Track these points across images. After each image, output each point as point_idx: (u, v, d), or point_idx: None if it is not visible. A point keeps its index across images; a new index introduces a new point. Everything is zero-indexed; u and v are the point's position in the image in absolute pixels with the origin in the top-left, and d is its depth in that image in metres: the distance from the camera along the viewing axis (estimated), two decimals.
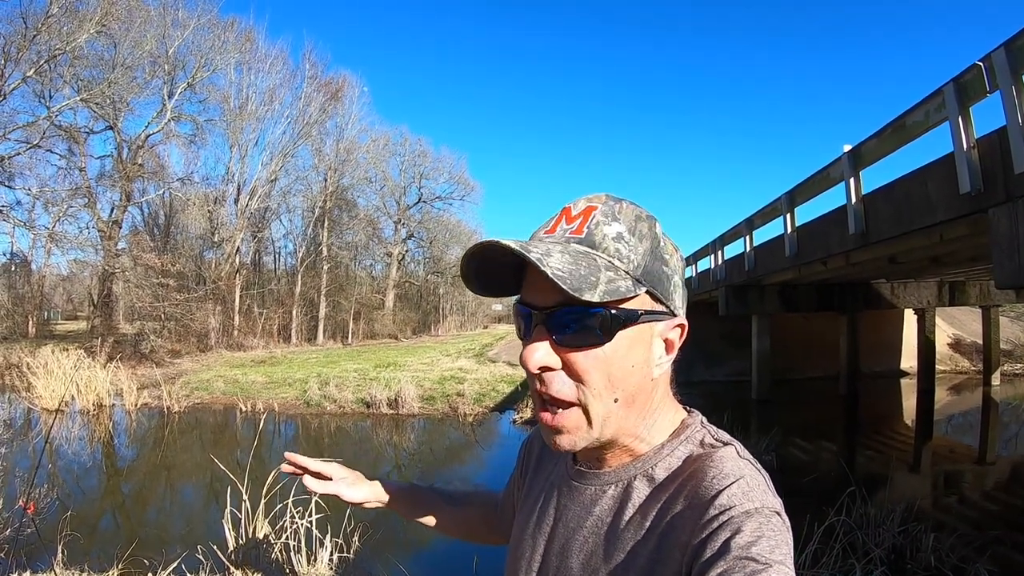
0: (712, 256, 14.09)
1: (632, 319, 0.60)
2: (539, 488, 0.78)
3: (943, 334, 17.08)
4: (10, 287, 26.17)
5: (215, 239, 26.53)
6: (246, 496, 4.15)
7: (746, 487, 0.56)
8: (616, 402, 0.61)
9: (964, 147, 4.62)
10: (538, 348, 0.60)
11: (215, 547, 3.83)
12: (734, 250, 12.76)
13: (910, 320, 15.16)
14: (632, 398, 0.62)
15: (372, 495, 0.99)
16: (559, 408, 0.60)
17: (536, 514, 0.74)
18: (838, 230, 7.38)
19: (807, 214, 9.05)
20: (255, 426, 9.85)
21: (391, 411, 11.88)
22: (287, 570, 3.89)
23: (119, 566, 3.85)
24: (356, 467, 1.03)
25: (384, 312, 35.21)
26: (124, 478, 8.30)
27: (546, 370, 0.60)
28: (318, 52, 40.16)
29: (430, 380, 14.13)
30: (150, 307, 20.21)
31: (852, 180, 6.78)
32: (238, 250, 27.54)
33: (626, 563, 0.59)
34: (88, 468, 8.48)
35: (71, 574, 3.73)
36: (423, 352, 22.72)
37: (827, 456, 8.75)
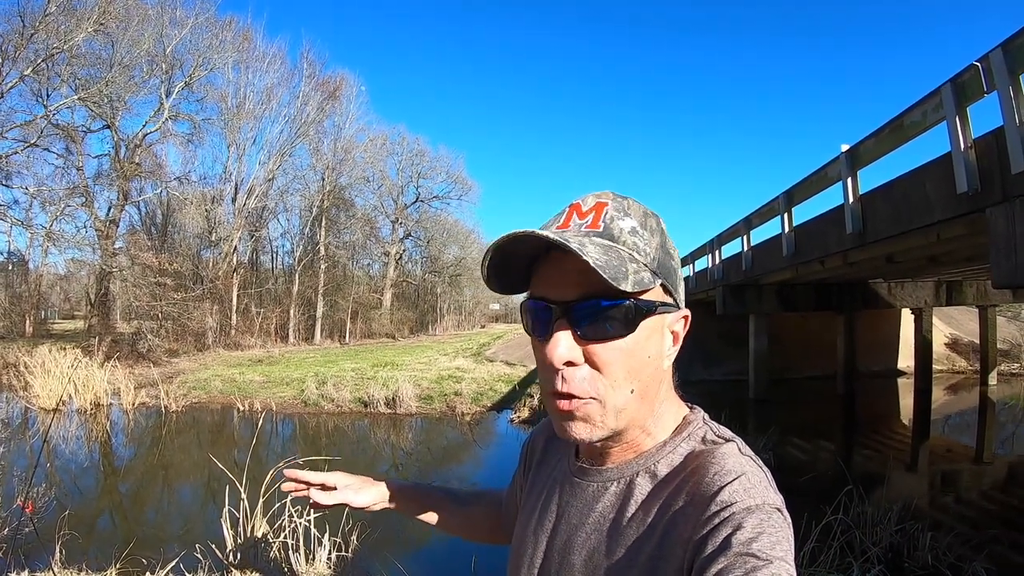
0: (710, 255, 14.09)
1: (651, 310, 0.61)
2: (541, 485, 0.78)
3: (940, 334, 17.11)
4: (7, 286, 26.10)
5: (212, 238, 26.50)
6: (244, 495, 4.14)
7: (747, 484, 0.56)
8: (632, 393, 0.61)
9: (961, 147, 4.63)
10: (561, 342, 0.59)
11: (213, 546, 3.82)
12: (732, 249, 12.77)
13: (907, 320, 15.20)
14: (646, 389, 0.62)
15: (379, 497, 0.98)
16: (577, 399, 0.60)
17: (538, 511, 0.74)
18: (836, 230, 7.39)
19: (805, 214, 9.07)
20: (253, 425, 9.80)
21: (389, 410, 11.87)
22: (285, 569, 3.88)
23: (117, 565, 3.84)
24: (354, 467, 1.02)
25: (381, 311, 35.21)
26: (122, 477, 8.28)
27: (569, 365, 0.60)
28: (316, 51, 40.25)
29: (428, 379, 14.11)
30: (147, 306, 20.16)
31: (850, 180, 6.79)
32: (235, 249, 27.51)
33: (628, 560, 0.59)
34: (86, 467, 8.46)
35: (69, 573, 3.72)
36: (421, 351, 22.72)
37: (824, 455, 8.77)
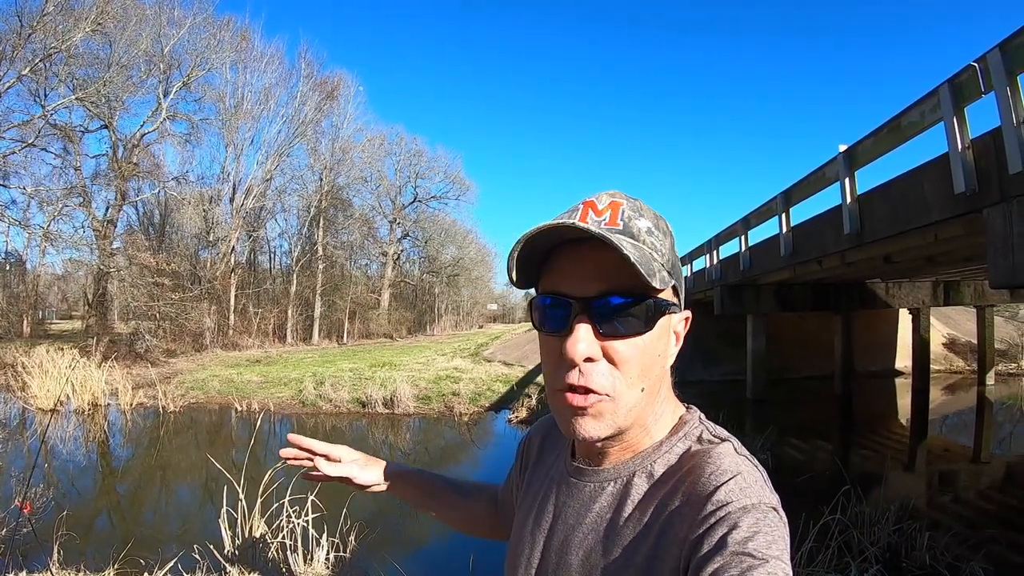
0: (708, 255, 14.10)
1: (667, 309, 0.62)
2: (538, 485, 0.78)
3: (938, 334, 17.15)
4: (5, 286, 26.06)
5: (210, 238, 26.45)
6: (242, 495, 4.13)
7: (743, 483, 0.56)
8: (643, 391, 0.61)
9: (959, 147, 4.65)
10: (582, 338, 0.58)
11: (211, 546, 3.81)
12: (729, 249, 12.79)
13: (905, 320, 15.20)
14: (653, 388, 0.63)
15: (382, 479, 0.97)
16: (594, 394, 0.59)
17: (535, 511, 0.74)
18: (833, 230, 7.41)
19: (802, 214, 9.08)
20: (251, 426, 9.81)
21: (387, 411, 11.86)
22: (283, 569, 3.88)
23: (115, 566, 3.83)
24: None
25: (379, 312, 35.17)
26: (120, 478, 8.27)
27: (589, 361, 0.59)
28: (314, 51, 40.01)
29: (425, 379, 14.09)
30: (145, 306, 20.11)
31: (847, 180, 6.81)
32: (233, 249, 27.46)
33: (625, 559, 0.60)
34: (83, 468, 8.44)
35: (67, 574, 3.71)
36: (418, 352, 22.70)
37: (822, 455, 8.77)
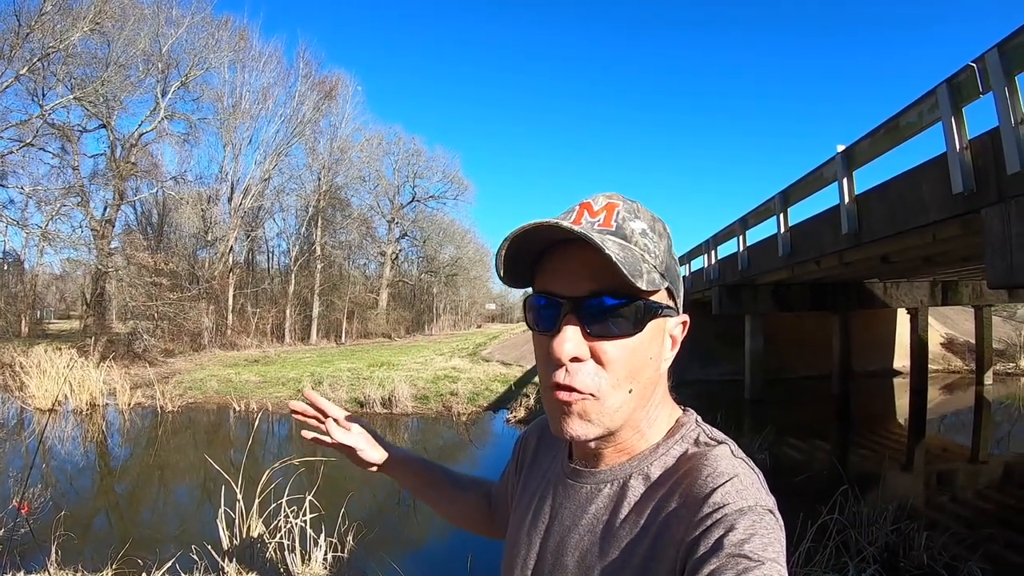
0: (705, 255, 14.11)
1: (658, 312, 0.61)
2: (535, 485, 0.78)
3: (936, 333, 17.18)
4: (3, 286, 25.99)
5: (208, 238, 26.41)
6: (240, 495, 4.13)
7: (740, 485, 0.56)
8: (630, 393, 0.61)
9: (957, 148, 4.65)
10: (569, 338, 0.59)
11: (209, 547, 3.81)
12: (727, 249, 12.81)
13: (903, 319, 15.23)
14: (643, 391, 0.63)
15: (385, 460, 0.97)
16: (577, 393, 0.60)
17: (532, 512, 0.74)
18: (831, 230, 7.41)
19: (801, 214, 9.09)
20: (249, 425, 9.79)
21: (385, 410, 11.85)
22: (281, 569, 3.88)
23: (113, 566, 3.83)
24: (350, 467, 1.01)
25: (378, 311, 35.16)
26: (118, 478, 8.25)
27: (575, 361, 0.59)
28: (312, 51, 40.03)
29: (424, 379, 14.09)
30: (143, 306, 20.08)
31: (845, 180, 6.81)
32: (231, 249, 27.45)
33: (621, 561, 0.60)
34: (81, 468, 8.42)
35: (65, 574, 3.71)
36: (417, 351, 22.71)
37: (820, 455, 8.78)
